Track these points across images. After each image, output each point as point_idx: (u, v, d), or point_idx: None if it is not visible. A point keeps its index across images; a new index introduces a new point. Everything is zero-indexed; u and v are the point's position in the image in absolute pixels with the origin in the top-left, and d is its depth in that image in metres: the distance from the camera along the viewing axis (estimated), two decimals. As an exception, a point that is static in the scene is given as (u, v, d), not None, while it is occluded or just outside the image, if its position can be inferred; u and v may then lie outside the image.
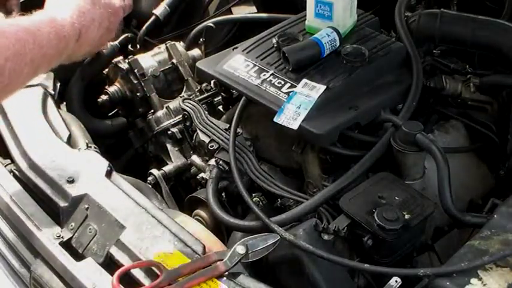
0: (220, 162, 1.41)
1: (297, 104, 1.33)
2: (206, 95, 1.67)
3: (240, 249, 1.08)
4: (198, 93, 1.71)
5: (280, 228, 1.17)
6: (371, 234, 1.16)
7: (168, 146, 1.75)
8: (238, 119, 1.44)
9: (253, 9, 2.28)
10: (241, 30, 2.17)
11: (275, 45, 1.49)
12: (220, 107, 1.66)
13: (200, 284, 1.05)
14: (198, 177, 1.49)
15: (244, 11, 2.28)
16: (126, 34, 2.06)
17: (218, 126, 1.48)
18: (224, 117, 1.59)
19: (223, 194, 1.43)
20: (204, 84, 1.71)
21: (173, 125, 1.75)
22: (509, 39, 1.43)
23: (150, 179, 1.64)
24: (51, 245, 1.20)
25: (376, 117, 1.39)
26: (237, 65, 1.47)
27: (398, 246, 1.19)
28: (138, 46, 2.07)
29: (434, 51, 1.59)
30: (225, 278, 1.06)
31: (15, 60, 0.99)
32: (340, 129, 1.33)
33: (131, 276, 1.09)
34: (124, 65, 1.86)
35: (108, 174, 1.31)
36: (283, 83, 1.39)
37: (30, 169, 1.35)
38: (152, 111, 1.84)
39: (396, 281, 1.03)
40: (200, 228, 1.30)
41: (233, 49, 1.56)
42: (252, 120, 1.49)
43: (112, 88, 1.88)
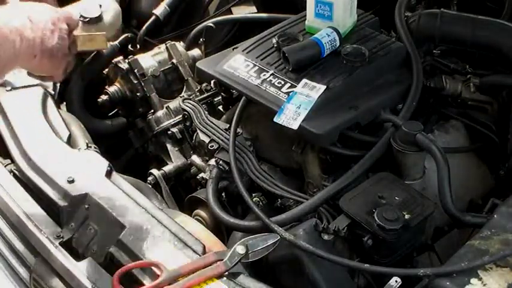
0: (220, 162, 1.41)
1: (297, 104, 1.33)
2: (206, 95, 1.67)
3: (240, 249, 1.08)
4: (198, 93, 1.71)
5: (280, 228, 1.17)
6: (371, 234, 1.16)
7: (168, 146, 1.75)
8: (238, 119, 1.44)
9: (253, 9, 2.28)
10: (241, 30, 2.16)
11: (275, 45, 1.49)
12: (220, 107, 1.66)
13: (200, 284, 1.05)
14: (198, 177, 1.49)
15: (244, 11, 2.28)
16: (126, 34, 2.06)
17: (218, 126, 1.48)
18: (224, 117, 1.59)
19: (223, 194, 1.43)
20: (204, 84, 1.71)
21: (173, 125, 1.75)
22: (509, 39, 1.43)
23: (150, 179, 1.64)
24: (51, 245, 1.20)
25: (376, 117, 1.39)
26: (237, 65, 1.47)
27: (398, 246, 1.19)
28: (138, 46, 2.07)
29: (434, 51, 1.59)
30: (225, 278, 1.06)
31: None
32: (340, 129, 1.33)
33: (131, 276, 1.09)
34: (124, 65, 1.86)
35: (108, 174, 1.32)
36: (283, 83, 1.39)
37: (30, 169, 1.35)
38: (152, 111, 1.84)
39: (396, 281, 1.03)
40: (200, 228, 1.31)
41: (233, 49, 1.56)
42: (252, 120, 1.49)
43: (112, 88, 1.88)
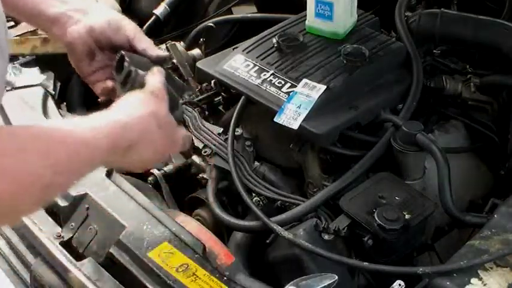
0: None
1: (297, 104, 1.32)
2: (206, 95, 1.67)
3: None
4: (198, 93, 1.71)
5: (280, 228, 1.17)
6: (371, 234, 1.15)
7: (168, 146, 1.75)
8: (236, 119, 1.44)
9: (253, 9, 2.27)
10: (241, 30, 2.16)
11: (275, 45, 1.49)
12: (220, 107, 1.66)
13: (200, 284, 1.05)
14: (198, 177, 1.49)
15: (244, 11, 2.27)
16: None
17: (212, 132, 1.48)
18: (224, 117, 1.59)
19: (224, 194, 1.43)
20: (204, 84, 1.71)
21: (173, 125, 1.75)
22: (509, 39, 1.43)
23: (150, 179, 1.63)
24: (51, 245, 1.20)
25: (376, 117, 1.39)
26: (237, 65, 1.46)
27: (398, 246, 1.19)
28: (138, 46, 2.07)
29: (434, 51, 1.59)
30: (225, 277, 1.06)
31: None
32: (340, 129, 1.33)
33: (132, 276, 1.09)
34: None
35: (108, 174, 1.32)
36: (283, 82, 1.39)
37: (30, 169, 1.35)
38: (152, 111, 1.83)
39: (400, 285, 1.02)
40: (200, 228, 1.30)
41: (233, 49, 1.56)
42: (252, 120, 1.49)
43: (112, 88, 1.88)
